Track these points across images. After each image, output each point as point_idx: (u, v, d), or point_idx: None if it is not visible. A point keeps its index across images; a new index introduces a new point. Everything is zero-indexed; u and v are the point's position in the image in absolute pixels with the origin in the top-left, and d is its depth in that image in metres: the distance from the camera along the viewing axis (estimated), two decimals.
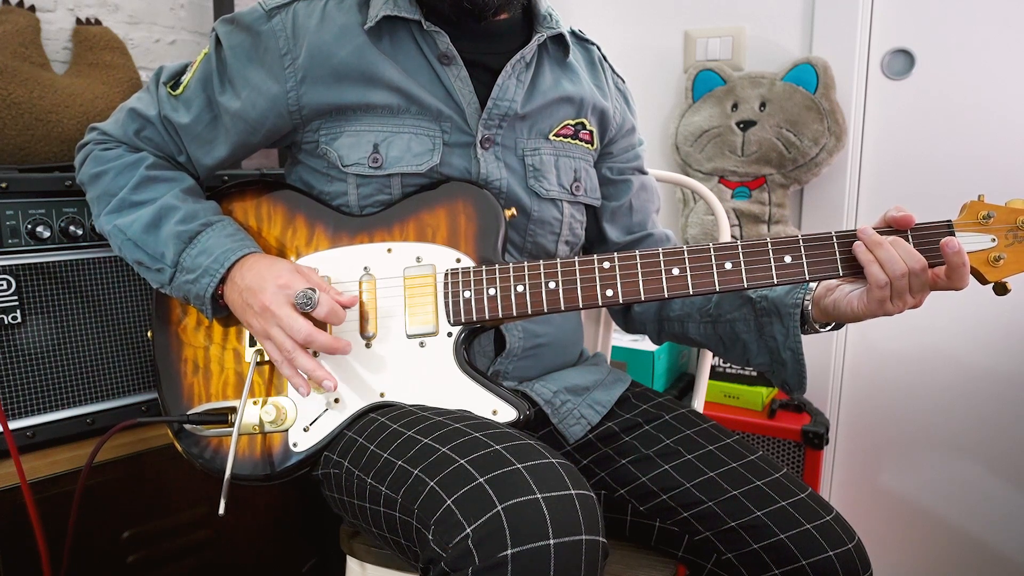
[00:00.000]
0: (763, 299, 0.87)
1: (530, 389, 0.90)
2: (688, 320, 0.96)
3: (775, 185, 1.57)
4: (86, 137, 0.93)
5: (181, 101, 0.88)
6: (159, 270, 0.84)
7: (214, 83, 0.87)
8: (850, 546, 0.77)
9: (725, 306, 0.92)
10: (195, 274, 0.81)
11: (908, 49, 1.50)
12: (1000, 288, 0.75)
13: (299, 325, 0.76)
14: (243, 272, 0.81)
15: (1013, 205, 0.75)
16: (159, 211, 0.84)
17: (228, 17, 0.88)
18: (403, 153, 0.85)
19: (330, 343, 0.77)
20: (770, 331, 0.87)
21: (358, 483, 0.75)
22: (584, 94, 0.93)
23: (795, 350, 0.85)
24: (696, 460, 0.85)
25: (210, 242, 0.82)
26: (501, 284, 0.80)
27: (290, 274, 0.79)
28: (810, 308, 0.84)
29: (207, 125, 0.88)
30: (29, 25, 1.25)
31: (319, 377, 0.77)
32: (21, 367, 0.99)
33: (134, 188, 0.85)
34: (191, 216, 0.84)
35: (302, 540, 1.30)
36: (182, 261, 0.82)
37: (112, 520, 1.07)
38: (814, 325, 0.84)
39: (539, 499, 0.60)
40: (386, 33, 0.86)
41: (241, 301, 0.80)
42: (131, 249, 0.85)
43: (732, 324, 0.91)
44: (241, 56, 0.86)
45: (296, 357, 0.76)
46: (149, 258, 0.84)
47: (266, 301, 0.77)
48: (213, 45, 0.88)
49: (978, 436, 1.54)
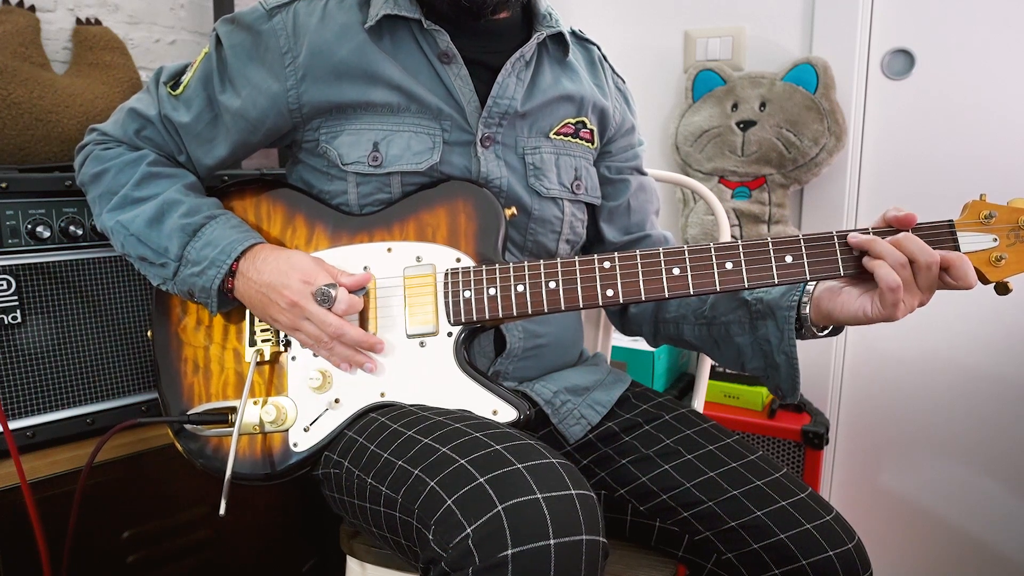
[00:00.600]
0: (758, 301, 0.86)
1: (530, 389, 0.90)
2: (683, 322, 0.96)
3: (775, 185, 1.57)
4: (85, 139, 0.93)
5: (181, 101, 0.88)
6: (163, 264, 0.84)
7: (214, 82, 0.87)
8: (850, 546, 0.77)
9: (720, 308, 0.91)
10: (201, 266, 0.81)
11: (908, 49, 1.50)
12: (1002, 288, 0.75)
13: (330, 320, 0.78)
14: (256, 265, 0.81)
15: (1015, 204, 0.74)
16: (162, 205, 0.84)
17: (229, 17, 0.88)
18: (403, 152, 0.85)
19: (361, 338, 0.80)
20: (764, 334, 0.85)
21: (358, 483, 0.75)
22: (584, 93, 0.93)
23: (789, 354, 0.83)
24: (696, 460, 0.85)
25: (215, 233, 0.82)
26: (501, 284, 0.80)
27: (312, 268, 0.80)
28: (808, 311, 0.81)
29: (207, 124, 0.88)
30: (29, 25, 1.25)
31: (359, 361, 0.81)
32: (21, 367, 0.99)
33: (136, 184, 0.85)
34: (195, 209, 0.84)
35: (302, 540, 1.30)
36: (187, 254, 0.82)
37: (112, 520, 1.07)
38: (812, 329, 0.82)
39: (539, 499, 0.60)
40: (386, 32, 0.86)
41: (262, 297, 0.81)
42: (134, 245, 0.85)
43: (727, 326, 0.90)
44: (241, 55, 0.86)
45: (335, 347, 0.80)
46: (153, 253, 0.84)
47: (294, 297, 0.79)
48: (213, 45, 0.88)
49: (978, 436, 1.54)
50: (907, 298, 0.72)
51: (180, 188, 0.86)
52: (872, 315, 0.74)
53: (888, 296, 0.72)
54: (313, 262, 0.81)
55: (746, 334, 0.88)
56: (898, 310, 0.72)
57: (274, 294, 0.79)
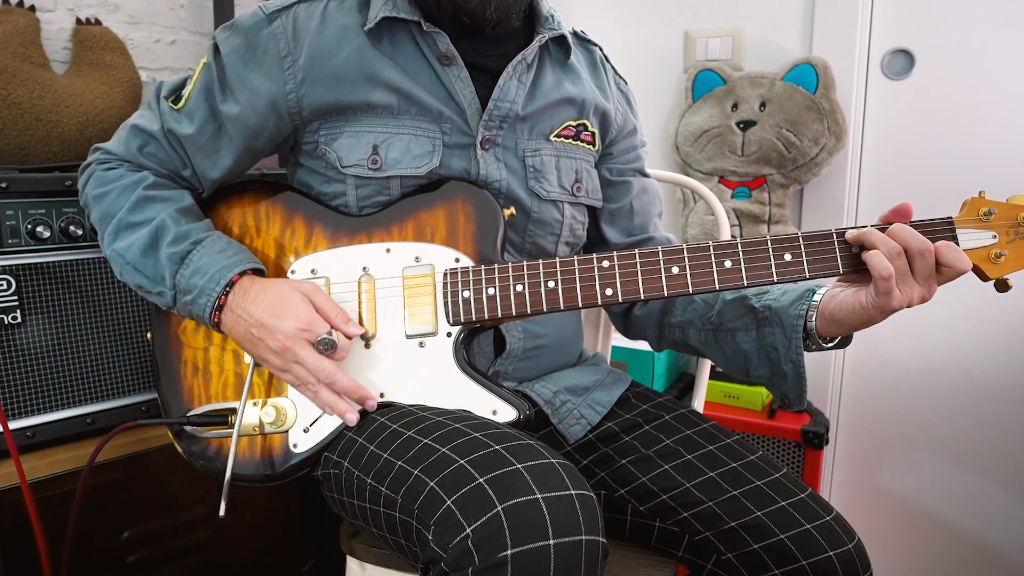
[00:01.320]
0: (766, 309, 0.85)
1: (530, 389, 0.90)
2: (689, 327, 0.95)
3: (775, 185, 1.57)
4: (89, 158, 0.92)
5: (184, 114, 0.87)
6: (160, 293, 0.83)
7: (215, 92, 0.86)
8: (850, 546, 0.77)
9: (727, 314, 0.90)
10: (192, 295, 0.81)
11: (908, 49, 1.51)
12: (1001, 285, 0.75)
13: (324, 367, 0.77)
14: (246, 303, 0.80)
15: (1014, 201, 0.75)
16: (154, 232, 0.83)
17: (227, 24, 0.88)
18: (402, 155, 0.85)
19: (352, 387, 0.79)
20: (771, 341, 0.85)
21: (358, 483, 0.75)
22: (586, 95, 0.93)
23: (796, 362, 0.83)
24: (696, 460, 0.85)
25: (202, 261, 0.81)
26: (500, 284, 0.80)
27: (308, 312, 0.79)
28: (814, 321, 0.81)
29: (211, 136, 0.87)
30: (29, 25, 1.25)
31: (342, 410, 0.79)
32: (21, 367, 0.99)
33: (131, 209, 0.84)
34: (181, 237, 0.82)
35: (302, 540, 1.30)
36: (178, 283, 0.82)
37: (112, 520, 1.07)
38: (818, 340, 0.82)
39: (539, 499, 0.60)
40: (386, 34, 0.86)
41: (251, 336, 0.79)
42: (131, 274, 0.84)
43: (734, 333, 0.89)
44: (240, 61, 0.86)
45: (320, 391, 0.79)
46: (149, 281, 0.83)
47: (287, 343, 0.77)
48: (212, 54, 0.87)
49: (978, 437, 1.54)
50: (904, 288, 0.72)
51: (172, 213, 0.84)
52: (867, 304, 0.74)
53: (881, 284, 0.72)
54: (304, 303, 0.79)
55: (753, 341, 0.87)
56: (892, 298, 0.72)
57: (267, 336, 0.78)
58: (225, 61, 0.86)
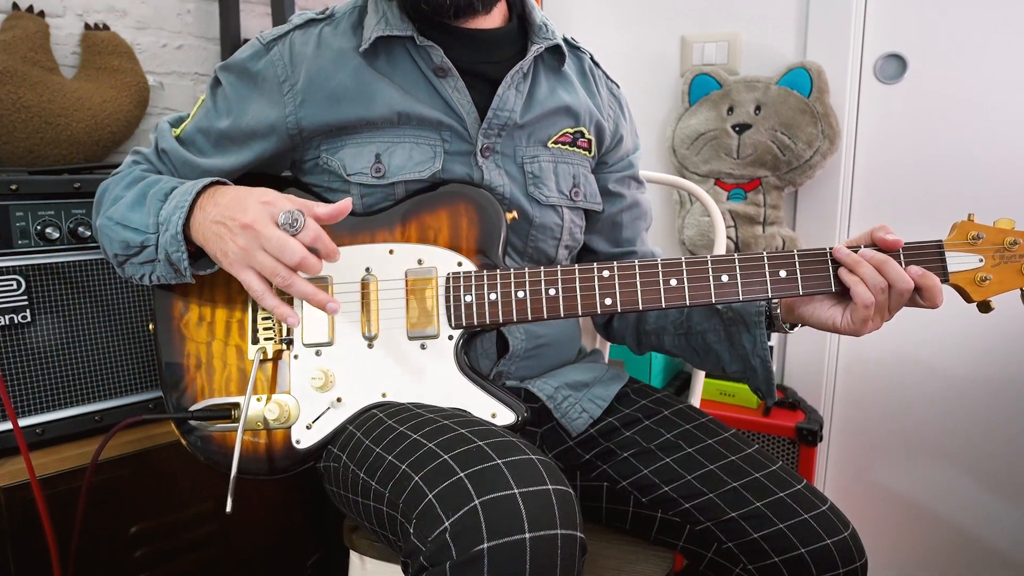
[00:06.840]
0: (728, 309, 0.91)
1: (532, 385, 0.92)
2: (663, 333, 0.98)
3: (770, 187, 1.59)
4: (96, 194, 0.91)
5: (180, 139, 0.89)
6: (143, 244, 0.79)
7: (213, 119, 0.88)
8: (846, 535, 0.79)
9: (695, 318, 0.94)
10: (170, 221, 0.77)
11: (900, 54, 1.53)
12: (984, 306, 0.79)
13: (292, 246, 0.69)
14: (215, 198, 0.76)
15: (1000, 225, 0.78)
16: (144, 189, 0.83)
17: (224, 64, 0.89)
18: (405, 162, 0.86)
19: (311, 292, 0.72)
20: (739, 340, 0.90)
21: (353, 478, 0.76)
22: (580, 105, 0.94)
23: (763, 358, 0.88)
24: (696, 453, 0.86)
25: (184, 186, 0.80)
26: (502, 289, 0.81)
27: (275, 193, 0.74)
28: (778, 311, 0.87)
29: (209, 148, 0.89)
30: (38, 30, 1.27)
31: (321, 301, 0.73)
32: (30, 366, 1.01)
33: (126, 187, 0.86)
34: (169, 185, 0.82)
35: (307, 535, 1.31)
36: (161, 218, 0.78)
37: (120, 515, 1.08)
38: (783, 326, 0.87)
39: (516, 494, 0.60)
40: (382, 52, 0.87)
41: (215, 227, 0.73)
42: (118, 231, 0.81)
43: (703, 335, 0.93)
44: (240, 93, 0.87)
45: (294, 281, 0.71)
46: (134, 233, 0.80)
47: (248, 219, 0.70)
48: (211, 89, 0.90)
49: (967, 434, 1.56)
50: (875, 317, 0.78)
51: (164, 176, 0.85)
52: (841, 326, 0.81)
53: (860, 312, 0.77)
54: (270, 191, 0.75)
55: (722, 341, 0.92)
56: (866, 326, 0.79)
57: (228, 220, 0.72)
58: (228, 91, 0.88)
